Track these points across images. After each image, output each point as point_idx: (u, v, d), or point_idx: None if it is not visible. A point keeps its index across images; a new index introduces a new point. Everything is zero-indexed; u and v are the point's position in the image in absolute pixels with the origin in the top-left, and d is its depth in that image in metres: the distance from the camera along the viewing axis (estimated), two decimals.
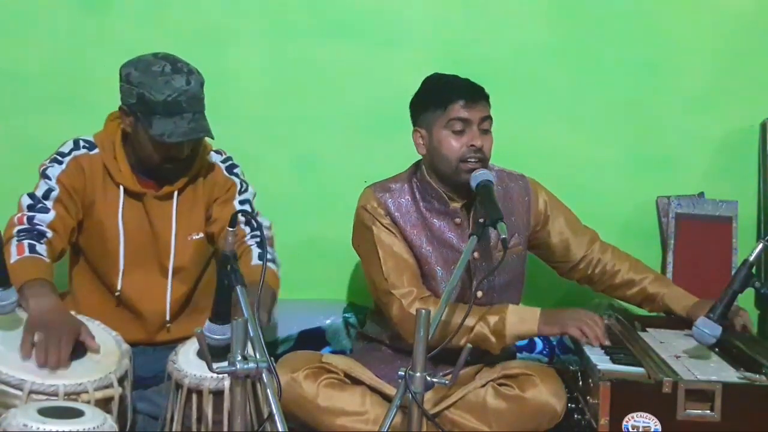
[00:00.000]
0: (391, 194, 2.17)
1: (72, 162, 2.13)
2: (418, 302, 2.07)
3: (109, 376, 1.78)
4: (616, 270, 2.29)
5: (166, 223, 2.18)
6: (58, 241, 2.06)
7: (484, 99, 2.11)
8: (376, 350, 2.25)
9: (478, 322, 2.04)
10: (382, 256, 2.12)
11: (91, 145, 2.16)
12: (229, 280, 1.64)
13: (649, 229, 2.79)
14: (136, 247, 2.16)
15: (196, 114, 2.05)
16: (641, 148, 2.77)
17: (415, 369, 1.66)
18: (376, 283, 2.14)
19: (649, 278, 2.28)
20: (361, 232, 2.19)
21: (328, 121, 2.71)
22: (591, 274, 2.31)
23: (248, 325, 1.53)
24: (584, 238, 2.30)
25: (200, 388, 1.79)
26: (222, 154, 2.28)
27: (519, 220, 2.23)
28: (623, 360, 1.96)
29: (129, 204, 2.16)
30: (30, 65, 2.60)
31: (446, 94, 2.09)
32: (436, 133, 2.10)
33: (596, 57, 2.74)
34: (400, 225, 2.14)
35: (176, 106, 2.02)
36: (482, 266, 2.13)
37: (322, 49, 2.67)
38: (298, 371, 2.05)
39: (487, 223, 1.96)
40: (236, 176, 2.26)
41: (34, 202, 2.08)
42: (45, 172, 2.11)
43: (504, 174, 2.26)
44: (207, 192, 2.22)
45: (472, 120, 2.08)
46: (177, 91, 2.02)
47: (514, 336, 2.06)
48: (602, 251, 2.31)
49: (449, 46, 2.70)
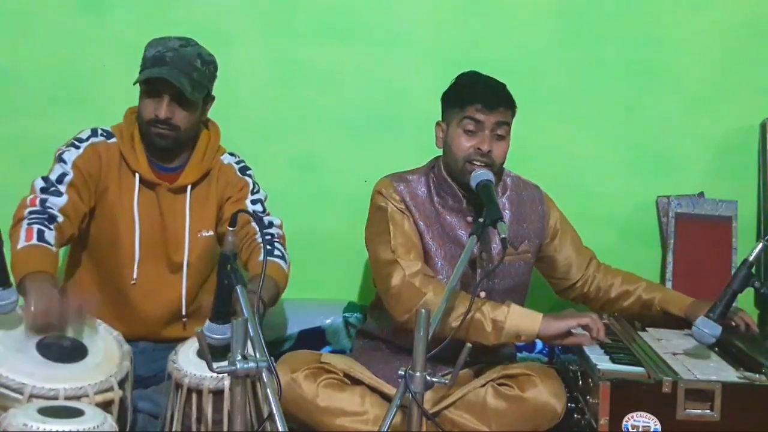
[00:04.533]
0: (407, 185, 2.19)
1: (89, 148, 2.15)
2: (421, 276, 2.06)
3: (110, 380, 1.78)
4: (610, 284, 2.31)
5: (178, 217, 2.19)
6: (68, 227, 2.06)
7: (504, 105, 2.11)
8: (376, 349, 2.25)
9: (477, 310, 2.01)
10: (392, 232, 2.12)
11: (108, 134, 2.19)
12: (229, 279, 1.64)
13: (649, 229, 2.80)
14: (147, 238, 2.17)
15: (175, 70, 2.09)
16: (641, 148, 2.78)
17: (414, 368, 1.66)
18: (381, 257, 2.12)
19: (642, 286, 2.31)
20: (375, 214, 2.19)
21: (328, 122, 2.71)
22: (587, 292, 2.33)
23: (248, 325, 1.53)
24: (584, 258, 2.33)
25: (200, 388, 1.79)
26: (236, 157, 2.31)
27: (531, 228, 2.24)
28: (623, 359, 1.97)
29: (143, 194, 2.17)
30: (29, 65, 2.60)
31: (467, 94, 2.11)
32: (452, 129, 2.13)
33: (597, 57, 2.74)
34: (413, 213, 2.15)
35: (160, 60, 2.10)
36: (489, 267, 2.14)
37: (322, 49, 2.67)
38: (298, 371, 2.06)
39: (487, 222, 1.96)
40: (249, 177, 2.29)
41: (47, 185, 2.08)
42: (61, 156, 2.13)
43: (520, 181, 2.28)
44: (220, 190, 2.24)
45: (485, 123, 2.09)
46: (167, 48, 2.11)
47: (513, 330, 1.99)
48: (596, 269, 2.34)
49: (450, 47, 2.69)
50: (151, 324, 2.21)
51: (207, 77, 2.18)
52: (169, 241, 2.20)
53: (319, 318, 2.61)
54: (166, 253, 2.20)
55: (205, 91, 2.18)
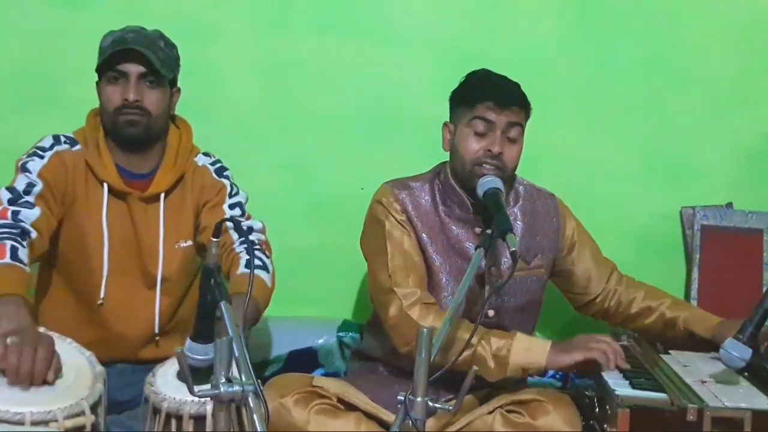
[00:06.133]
0: (409, 192, 2.19)
1: (54, 157, 2.14)
2: (419, 307, 2.07)
3: (81, 403, 1.76)
4: (631, 299, 2.31)
5: (152, 228, 2.19)
6: (40, 243, 2.05)
7: (517, 105, 2.12)
8: (373, 372, 2.25)
9: (480, 342, 2.03)
10: (390, 252, 2.13)
11: (72, 141, 2.19)
12: (212, 294, 1.64)
13: (671, 243, 2.80)
14: (119, 253, 2.17)
15: (139, 46, 2.11)
16: (662, 154, 2.79)
17: (415, 393, 1.65)
18: (378, 281, 2.14)
19: (666, 303, 2.31)
20: (372, 227, 2.20)
21: (320, 122, 2.72)
22: (607, 307, 2.33)
23: (233, 345, 1.53)
24: (605, 270, 2.33)
25: (180, 413, 1.78)
26: (211, 157, 2.31)
27: (545, 241, 2.25)
28: (644, 385, 1.96)
29: (113, 205, 2.17)
30: (1, 64, 2.60)
31: (478, 92, 2.11)
32: (460, 130, 2.14)
33: (612, 53, 2.75)
34: (415, 225, 2.16)
35: (121, 40, 2.13)
36: (498, 283, 2.14)
37: (315, 44, 2.68)
38: (287, 396, 2.05)
39: (495, 234, 1.96)
40: (226, 179, 2.28)
41: (15, 197, 2.06)
42: (25, 166, 2.12)
43: (534, 190, 2.29)
44: (196, 196, 2.24)
45: (496, 124, 2.09)
46: (126, 31, 2.14)
47: (517, 366, 2.03)
48: (618, 282, 2.34)
49: (452, 43, 2.71)
50: (126, 345, 2.21)
51: (173, 60, 2.20)
52: (144, 254, 2.20)
53: (311, 338, 2.61)
54: (141, 268, 2.20)
55: (172, 74, 2.20)
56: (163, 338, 2.22)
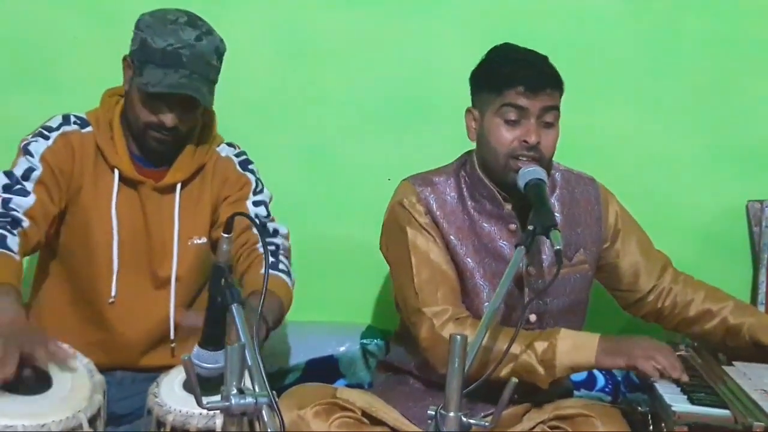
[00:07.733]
0: (433, 189, 2.17)
1: (60, 138, 2.16)
2: (452, 324, 2.06)
3: (78, 416, 1.78)
4: (689, 300, 2.29)
5: (165, 221, 2.20)
6: (34, 232, 2.07)
7: (551, 86, 2.09)
8: (402, 384, 2.25)
9: (525, 350, 2.02)
10: (416, 265, 2.12)
11: (83, 122, 2.20)
12: (223, 296, 1.64)
13: (737, 241, 2.79)
14: (126, 247, 2.18)
15: (195, 74, 2.07)
16: (728, 141, 2.77)
17: (447, 408, 1.64)
18: (406, 299, 2.15)
19: (730, 306, 2.28)
20: (393, 233, 2.19)
21: (343, 106, 2.72)
22: (661, 307, 2.31)
23: (245, 352, 1.53)
24: (656, 264, 2.31)
25: (186, 427, 1.79)
26: (235, 148, 2.32)
27: (587, 233, 2.23)
28: (704, 400, 1.95)
29: (123, 194, 2.18)
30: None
31: (505, 75, 2.08)
32: (488, 118, 2.11)
33: (674, 28, 2.73)
34: (441, 227, 2.14)
35: (174, 58, 2.06)
36: (538, 284, 2.13)
37: (336, 19, 2.68)
38: (307, 407, 2.04)
39: (537, 231, 1.94)
40: (251, 173, 2.29)
41: (11, 182, 2.09)
42: (27, 148, 2.13)
43: (571, 176, 2.27)
44: (216, 189, 2.25)
45: (530, 110, 2.07)
46: (181, 42, 2.07)
47: (566, 366, 2.02)
48: (674, 280, 2.31)
49: (491, 16, 2.70)
50: (131, 350, 2.22)
51: (218, 74, 2.18)
52: (155, 250, 2.20)
53: (332, 345, 2.62)
54: (150, 265, 2.21)
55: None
56: (179, 345, 2.23)
